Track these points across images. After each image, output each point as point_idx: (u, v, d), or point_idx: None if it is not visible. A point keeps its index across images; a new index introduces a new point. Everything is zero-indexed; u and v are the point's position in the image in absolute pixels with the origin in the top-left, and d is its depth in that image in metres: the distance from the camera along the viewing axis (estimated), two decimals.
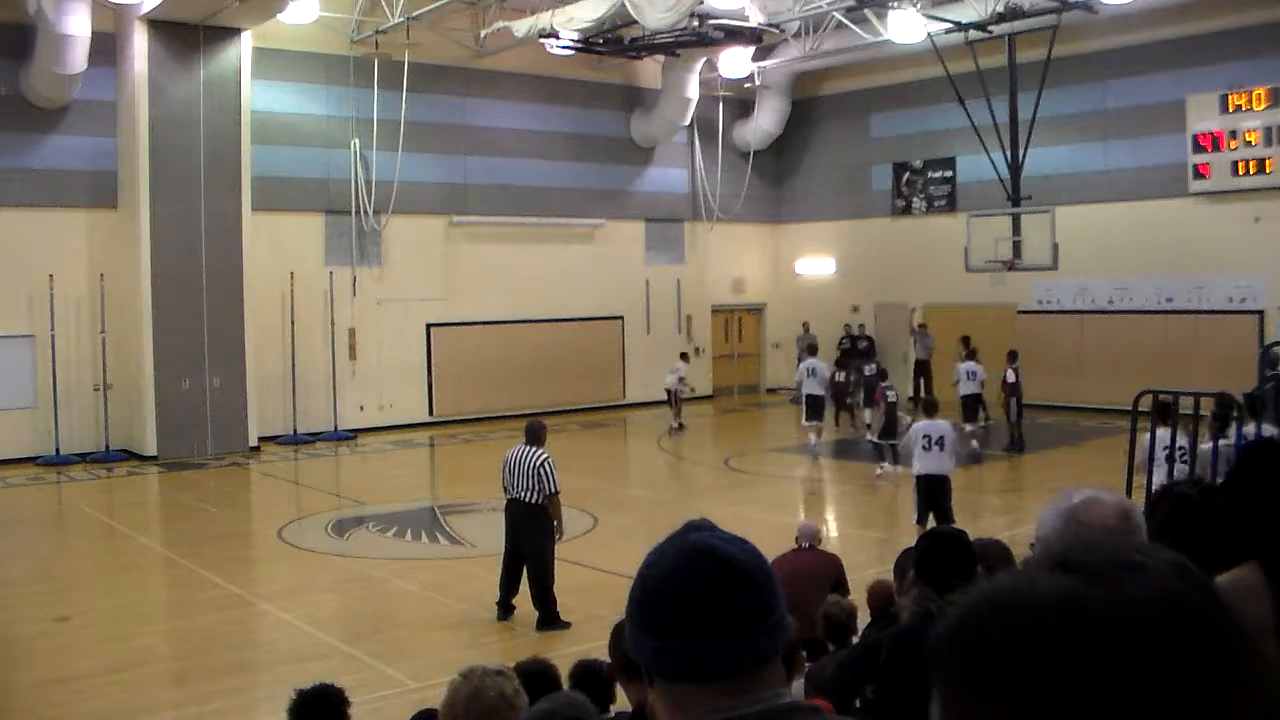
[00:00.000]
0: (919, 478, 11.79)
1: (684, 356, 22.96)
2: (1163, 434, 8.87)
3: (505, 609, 9.70)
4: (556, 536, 9.63)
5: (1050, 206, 19.22)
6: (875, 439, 16.55)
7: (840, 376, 21.42)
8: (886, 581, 6.63)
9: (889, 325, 25.66)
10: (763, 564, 1.51)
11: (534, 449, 9.55)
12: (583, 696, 3.54)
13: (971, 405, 18.12)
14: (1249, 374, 14.23)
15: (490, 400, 22.89)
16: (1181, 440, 8.85)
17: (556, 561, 9.72)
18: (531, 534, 9.49)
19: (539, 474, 9.39)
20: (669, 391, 21.89)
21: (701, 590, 1.44)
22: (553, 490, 9.42)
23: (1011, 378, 18.01)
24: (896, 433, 15.67)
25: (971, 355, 18.64)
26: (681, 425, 21.60)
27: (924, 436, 11.76)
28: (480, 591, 10.64)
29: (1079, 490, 2.33)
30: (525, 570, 9.56)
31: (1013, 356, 18.48)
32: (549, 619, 9.43)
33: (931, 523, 11.24)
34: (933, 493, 11.64)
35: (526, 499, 9.46)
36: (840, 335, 25.54)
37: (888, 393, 16.67)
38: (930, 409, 12.52)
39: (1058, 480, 13.10)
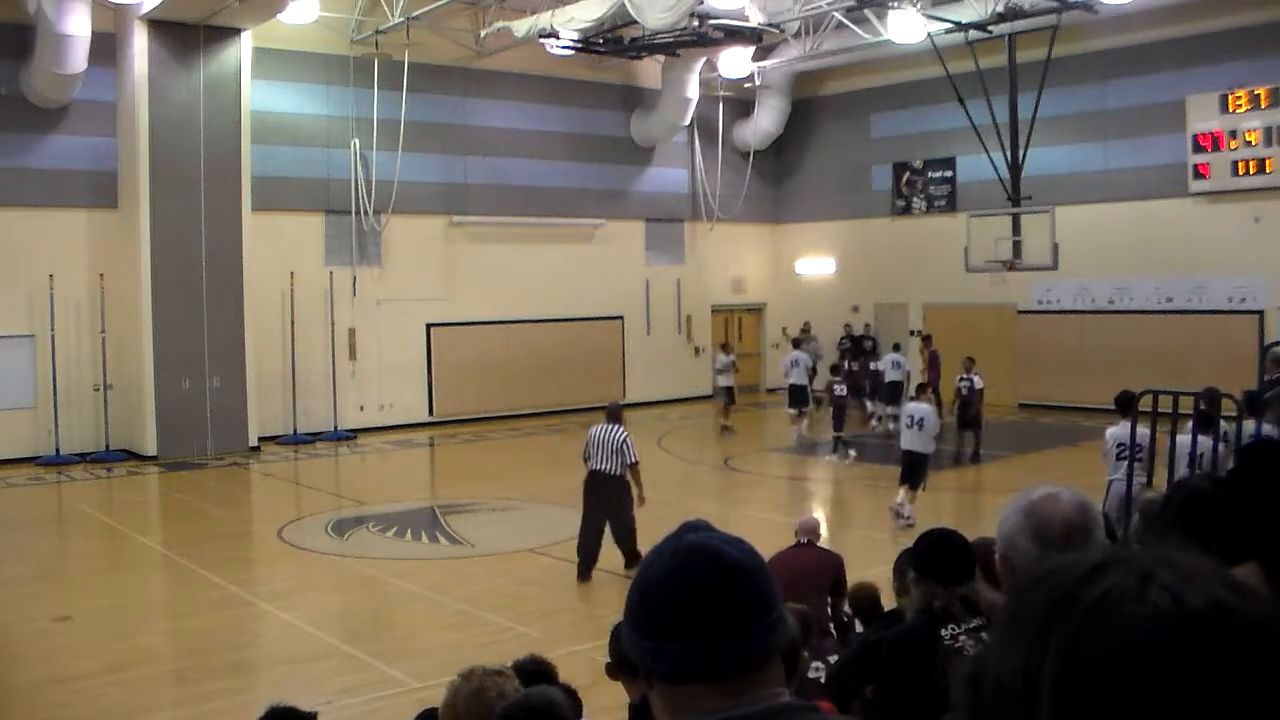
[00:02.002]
0: (902, 451, 13.41)
1: (724, 347, 22.72)
2: (1132, 430, 8.99)
3: (586, 572, 10.82)
4: (638, 500, 10.92)
5: (1050, 206, 19.21)
6: (835, 433, 18.24)
7: (854, 366, 21.79)
8: (869, 583, 6.62)
9: (889, 325, 25.64)
10: (760, 564, 1.51)
11: (615, 427, 10.99)
12: (559, 692, 3.53)
13: (895, 390, 20.55)
14: (1249, 374, 14.23)
15: (490, 400, 22.89)
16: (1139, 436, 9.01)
17: (557, 560, 10.39)
18: (614, 499, 10.87)
19: (622, 448, 10.82)
20: (724, 389, 21.86)
21: (699, 591, 1.44)
22: (634, 460, 10.86)
23: (966, 389, 17.95)
24: (844, 424, 18.09)
25: (896, 348, 21.64)
26: (728, 426, 21.45)
27: (908, 416, 13.39)
28: (480, 591, 10.66)
29: (1039, 487, 2.41)
30: (609, 529, 10.86)
31: (969, 364, 18.37)
32: (634, 560, 10.60)
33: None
34: (910, 466, 13.16)
35: (608, 470, 10.83)
36: (840, 335, 25.55)
37: (835, 388, 18.47)
38: (920, 392, 14.24)
39: (1058, 480, 13.08)
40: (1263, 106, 19.89)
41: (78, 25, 16.93)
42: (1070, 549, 2.28)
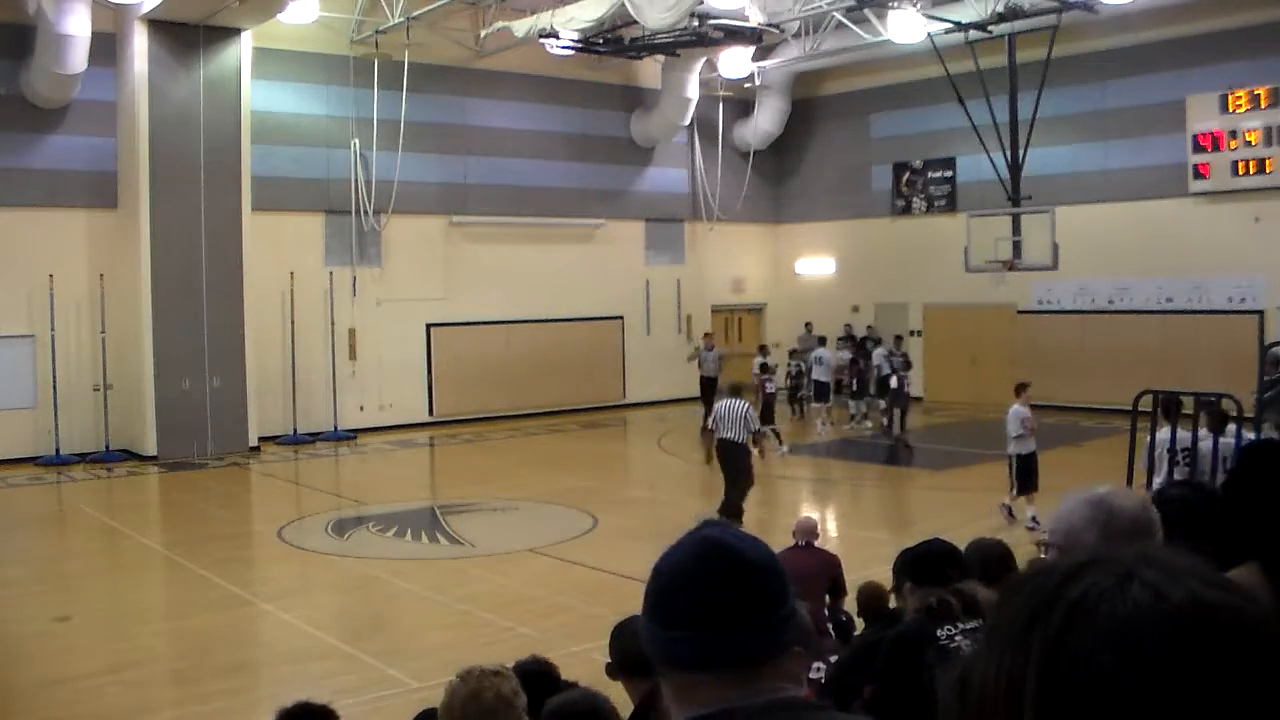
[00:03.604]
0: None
1: (762, 350, 22.01)
2: (1166, 433, 8.89)
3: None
4: (760, 455, 13.14)
5: (1050, 206, 19.21)
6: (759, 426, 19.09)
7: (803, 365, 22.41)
8: (877, 583, 6.62)
9: (889, 325, 25.62)
10: (773, 561, 1.57)
11: (738, 400, 12.87)
12: (602, 694, 3.54)
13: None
14: (1249, 374, 14.24)
15: (490, 400, 22.89)
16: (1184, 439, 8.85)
17: (557, 560, 10.51)
18: (738, 461, 12.67)
19: (745, 419, 12.71)
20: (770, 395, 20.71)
21: (710, 581, 1.50)
22: (756, 428, 12.95)
23: (895, 384, 18.15)
24: (773, 419, 18.90)
25: (886, 342, 22.35)
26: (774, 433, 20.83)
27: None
28: (480, 591, 10.65)
29: (1100, 485, 2.44)
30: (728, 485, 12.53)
31: (905, 364, 18.44)
32: (736, 514, 12.20)
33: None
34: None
35: (733, 437, 12.62)
36: (840, 335, 25.54)
37: (766, 384, 19.48)
38: (1017, 393, 14.32)
39: (1059, 481, 13.09)
40: (1263, 106, 19.88)
41: (78, 25, 16.93)
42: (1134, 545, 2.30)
